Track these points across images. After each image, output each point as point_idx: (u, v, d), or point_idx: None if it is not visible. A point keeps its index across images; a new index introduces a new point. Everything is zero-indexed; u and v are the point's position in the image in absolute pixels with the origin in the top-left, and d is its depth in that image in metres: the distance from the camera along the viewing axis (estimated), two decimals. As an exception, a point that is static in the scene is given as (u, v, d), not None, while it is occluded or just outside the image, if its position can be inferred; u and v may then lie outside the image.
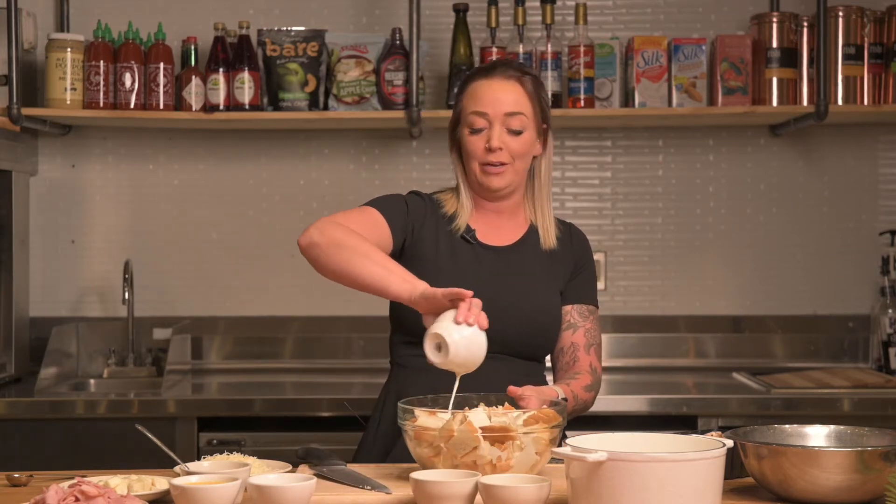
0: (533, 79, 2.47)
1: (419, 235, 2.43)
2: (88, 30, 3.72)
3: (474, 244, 2.44)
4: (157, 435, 2.12)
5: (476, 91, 2.44)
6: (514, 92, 2.43)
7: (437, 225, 2.45)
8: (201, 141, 3.95)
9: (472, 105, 2.43)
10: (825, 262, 3.94)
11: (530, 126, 2.43)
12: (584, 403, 2.38)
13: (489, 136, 2.40)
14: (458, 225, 2.45)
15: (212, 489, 1.77)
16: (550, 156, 2.51)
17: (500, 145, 2.40)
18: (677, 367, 3.88)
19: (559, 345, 2.46)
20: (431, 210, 2.47)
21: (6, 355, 3.67)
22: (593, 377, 2.42)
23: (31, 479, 2.08)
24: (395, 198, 2.47)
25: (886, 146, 3.94)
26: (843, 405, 3.31)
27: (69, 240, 3.95)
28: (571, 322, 2.46)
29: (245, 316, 3.93)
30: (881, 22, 3.67)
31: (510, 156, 2.41)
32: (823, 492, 1.83)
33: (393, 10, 3.90)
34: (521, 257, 2.46)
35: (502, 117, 2.40)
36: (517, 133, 2.41)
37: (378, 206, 2.42)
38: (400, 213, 2.42)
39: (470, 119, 2.43)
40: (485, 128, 2.42)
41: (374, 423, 2.43)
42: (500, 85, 2.43)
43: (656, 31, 3.91)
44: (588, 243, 2.57)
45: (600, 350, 2.49)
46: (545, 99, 2.49)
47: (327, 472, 2.03)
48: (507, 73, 2.44)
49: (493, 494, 1.75)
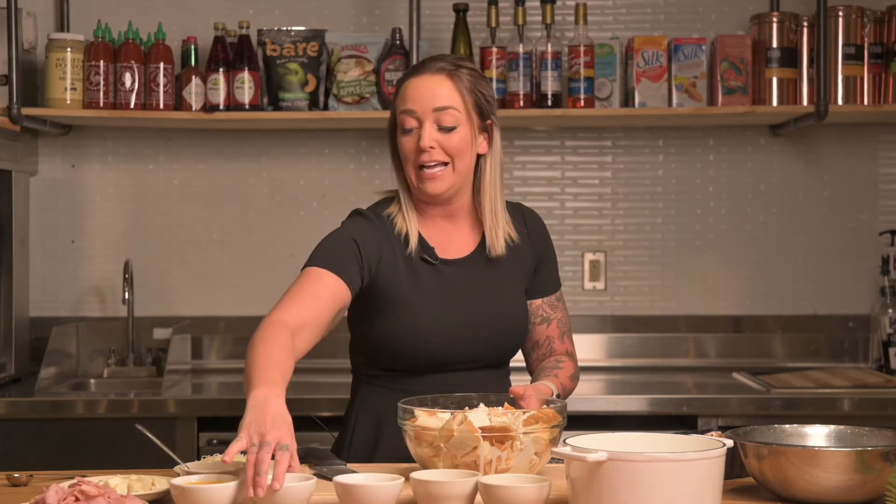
0: (470, 72, 2.30)
1: (377, 271, 2.27)
2: (88, 30, 3.72)
3: (436, 263, 2.32)
4: (157, 435, 2.11)
5: (405, 90, 2.29)
6: (444, 86, 2.26)
7: (394, 250, 2.29)
8: (201, 141, 3.95)
9: (401, 104, 2.29)
10: (825, 262, 3.94)
11: (464, 122, 2.27)
12: (571, 391, 2.39)
13: (420, 135, 2.25)
14: (412, 245, 2.30)
15: (212, 489, 1.77)
16: (498, 153, 2.34)
17: (431, 143, 2.24)
18: (677, 367, 3.88)
19: (533, 338, 2.43)
20: (384, 235, 2.30)
21: (6, 355, 3.67)
22: (573, 362, 2.42)
23: (31, 479, 2.08)
24: (343, 243, 2.27)
25: (886, 146, 3.94)
26: (843, 405, 3.31)
27: (69, 240, 3.95)
28: (544, 316, 2.42)
29: (245, 316, 3.93)
30: (881, 22, 3.67)
31: (445, 154, 2.26)
32: (823, 492, 1.83)
33: (393, 10, 3.90)
34: (480, 266, 2.35)
35: (432, 114, 2.25)
36: (449, 129, 2.25)
37: (327, 263, 2.22)
38: (352, 259, 2.24)
39: (400, 119, 2.29)
40: (415, 127, 2.27)
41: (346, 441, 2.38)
42: (429, 81, 2.27)
43: (656, 31, 3.91)
44: (543, 225, 2.45)
45: (571, 332, 2.47)
46: (485, 92, 2.31)
47: (327, 471, 2.03)
48: (437, 67, 2.29)
49: (493, 494, 1.75)
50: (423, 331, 2.27)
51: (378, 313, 2.30)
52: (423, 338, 2.27)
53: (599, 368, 3.84)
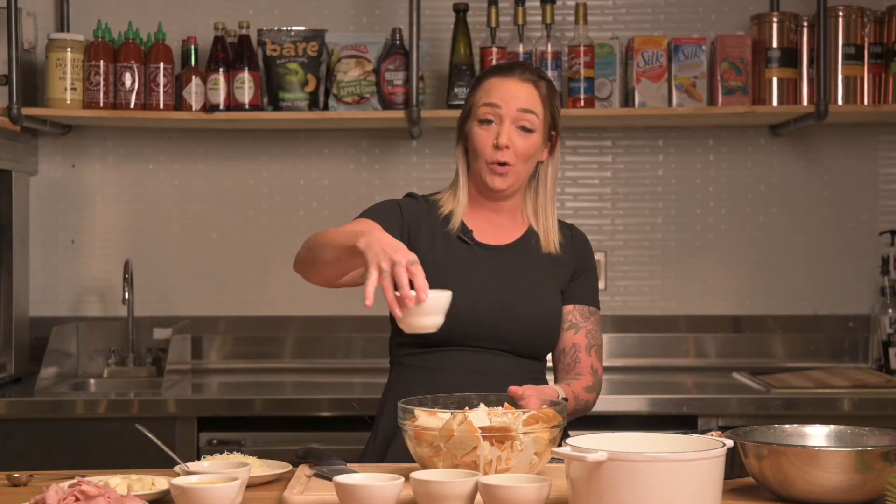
0: (548, 84, 2.45)
1: (415, 238, 2.40)
2: (88, 30, 3.72)
3: (471, 244, 2.42)
4: (157, 435, 2.12)
5: (492, 86, 2.42)
6: (531, 93, 2.41)
7: (434, 226, 2.43)
8: (201, 141, 3.95)
9: (485, 97, 2.41)
10: (825, 262, 3.94)
11: (540, 129, 2.41)
12: (585, 404, 2.38)
13: (498, 132, 2.38)
14: (453, 224, 2.43)
15: (212, 489, 1.77)
16: (557, 163, 2.49)
17: (508, 143, 2.37)
18: (677, 367, 3.88)
19: (560, 345, 2.45)
20: (427, 212, 2.45)
21: (6, 355, 3.67)
22: (594, 378, 2.42)
23: (31, 479, 2.08)
24: (388, 204, 2.44)
25: (886, 146, 3.94)
26: (843, 405, 3.31)
27: (69, 240, 3.95)
28: (573, 322, 2.45)
29: (245, 316, 3.93)
30: (881, 22, 3.67)
31: (515, 156, 2.38)
32: (823, 492, 1.83)
33: (393, 10, 3.90)
34: (519, 257, 2.44)
35: (514, 114, 2.38)
36: (527, 132, 2.39)
37: (371, 215, 2.38)
38: (394, 218, 2.39)
39: (482, 110, 2.41)
40: (494, 121, 2.39)
41: (376, 424, 2.44)
42: (517, 84, 2.41)
43: (656, 31, 3.91)
44: (590, 245, 2.55)
45: (601, 352, 2.48)
46: (557, 106, 2.47)
47: (327, 471, 2.03)
48: (525, 76, 2.43)
49: (493, 494, 1.75)
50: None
51: None
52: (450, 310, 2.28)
53: (599, 368, 3.84)
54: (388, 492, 1.78)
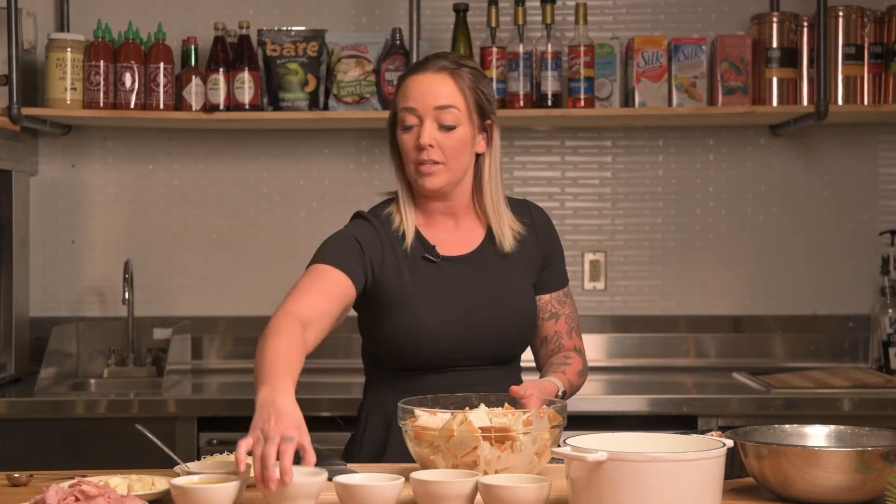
0: (471, 70, 2.31)
1: (380, 271, 2.29)
2: (88, 30, 3.72)
3: (438, 261, 2.33)
4: (157, 435, 2.11)
5: (407, 87, 2.30)
6: (446, 85, 2.28)
7: (395, 251, 2.31)
8: (201, 141, 3.95)
9: (402, 101, 2.30)
10: (825, 262, 3.94)
11: (465, 121, 2.29)
12: (578, 388, 2.39)
13: (419, 133, 2.27)
14: (409, 240, 2.31)
15: (212, 489, 1.77)
16: (497, 153, 2.35)
17: (430, 142, 2.26)
18: (677, 367, 3.88)
19: (542, 334, 2.42)
20: (384, 235, 2.32)
21: (6, 355, 3.67)
22: (581, 357, 2.41)
23: (31, 479, 2.08)
24: (346, 241, 2.29)
25: (886, 146, 3.94)
26: (843, 405, 3.31)
27: (69, 240, 3.95)
28: (553, 312, 2.42)
29: (245, 316, 3.93)
30: (881, 22, 3.67)
31: (442, 154, 2.27)
32: (823, 492, 1.83)
33: (393, 10, 3.90)
34: (486, 263, 2.36)
35: (433, 112, 2.26)
36: (449, 129, 2.27)
37: (332, 260, 2.24)
38: (356, 257, 2.26)
39: (401, 116, 2.30)
40: (415, 125, 2.28)
41: (359, 443, 2.38)
42: (431, 79, 2.29)
43: (656, 31, 3.91)
44: (551, 222, 2.46)
45: (580, 328, 2.47)
46: (486, 92, 2.32)
47: (327, 472, 2.03)
48: (439, 66, 2.30)
49: (493, 494, 1.75)
50: (426, 330, 2.27)
51: (383, 314, 2.30)
52: (427, 336, 2.27)
53: (599, 368, 3.84)
54: (388, 492, 1.78)
